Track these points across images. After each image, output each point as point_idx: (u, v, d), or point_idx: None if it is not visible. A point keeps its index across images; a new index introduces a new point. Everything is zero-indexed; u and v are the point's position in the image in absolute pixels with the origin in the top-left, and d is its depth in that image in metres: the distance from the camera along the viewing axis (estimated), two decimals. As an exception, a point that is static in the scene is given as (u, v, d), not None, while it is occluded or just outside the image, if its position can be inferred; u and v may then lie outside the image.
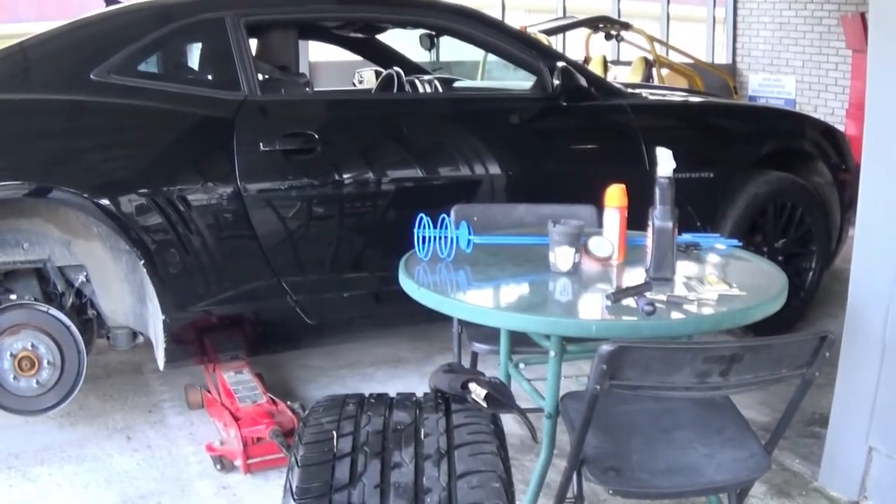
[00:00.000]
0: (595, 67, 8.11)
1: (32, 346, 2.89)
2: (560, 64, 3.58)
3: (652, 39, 8.95)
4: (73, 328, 2.95)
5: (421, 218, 2.37)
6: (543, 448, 2.26)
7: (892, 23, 2.61)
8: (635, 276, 2.27)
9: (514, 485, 1.94)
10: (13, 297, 2.97)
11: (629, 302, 2.03)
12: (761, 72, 10.04)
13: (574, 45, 9.50)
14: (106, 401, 3.50)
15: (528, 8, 12.54)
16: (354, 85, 5.27)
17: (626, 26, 8.90)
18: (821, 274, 4.27)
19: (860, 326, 2.73)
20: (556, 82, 3.54)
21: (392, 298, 2.67)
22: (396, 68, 4.34)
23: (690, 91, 6.79)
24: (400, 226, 2.59)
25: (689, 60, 9.46)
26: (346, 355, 3.96)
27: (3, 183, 2.78)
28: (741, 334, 3.54)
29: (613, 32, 8.86)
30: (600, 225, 2.45)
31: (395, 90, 4.23)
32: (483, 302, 2.16)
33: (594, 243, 2.36)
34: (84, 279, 3.11)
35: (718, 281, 2.18)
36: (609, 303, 2.03)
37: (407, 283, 2.23)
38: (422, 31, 5.01)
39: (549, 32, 8.32)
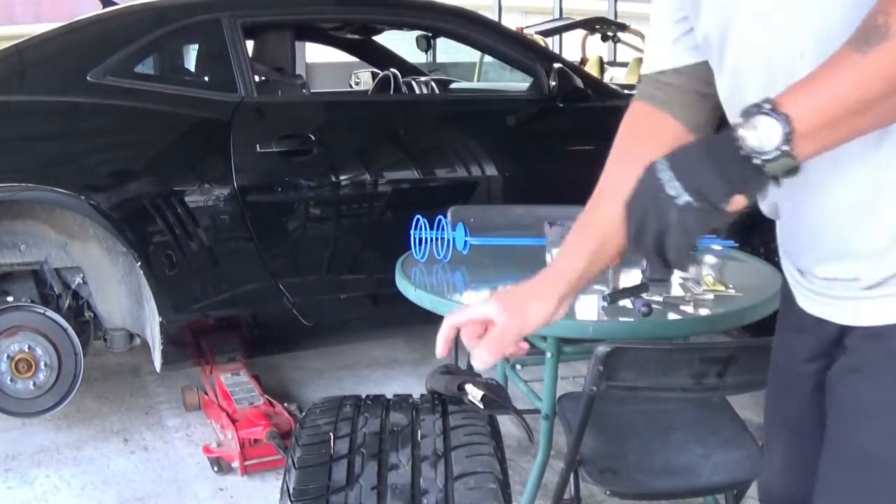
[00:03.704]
0: (591, 69, 8.10)
1: (29, 348, 2.89)
2: (556, 65, 3.58)
3: (648, 40, 8.94)
4: (70, 330, 2.94)
5: (417, 219, 2.38)
6: (540, 449, 2.26)
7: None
8: (632, 277, 2.27)
9: (511, 486, 1.94)
10: (10, 298, 2.97)
11: (626, 303, 2.03)
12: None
13: (570, 47, 9.50)
14: (103, 403, 3.50)
15: (524, 9, 12.54)
16: (351, 86, 5.29)
17: (623, 27, 8.88)
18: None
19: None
20: (553, 84, 3.53)
21: (389, 300, 2.68)
22: (393, 70, 4.34)
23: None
24: (396, 227, 2.59)
25: (686, 61, 9.45)
26: (342, 357, 3.95)
27: (-1, 185, 2.78)
28: (738, 335, 3.54)
29: (610, 34, 8.84)
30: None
31: (391, 92, 4.24)
32: (480, 303, 2.16)
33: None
34: (81, 281, 3.11)
35: (715, 282, 2.18)
36: (605, 304, 2.03)
37: (403, 285, 2.23)
38: (418, 32, 5.02)
39: (546, 34, 8.31)
